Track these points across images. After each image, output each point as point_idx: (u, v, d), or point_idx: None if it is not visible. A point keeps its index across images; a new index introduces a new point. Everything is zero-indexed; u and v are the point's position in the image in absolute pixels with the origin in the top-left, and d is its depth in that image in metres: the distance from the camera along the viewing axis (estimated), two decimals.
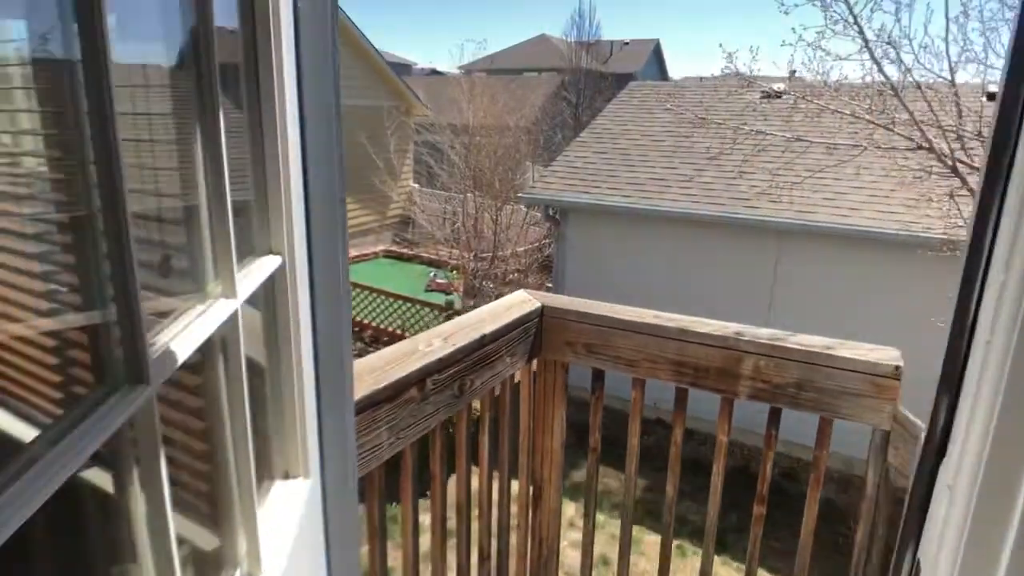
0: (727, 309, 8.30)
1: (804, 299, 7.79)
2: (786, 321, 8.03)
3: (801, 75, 6.56)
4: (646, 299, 8.24)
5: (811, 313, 7.77)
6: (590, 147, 9.59)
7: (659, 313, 2.48)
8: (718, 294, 8.22)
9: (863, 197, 7.49)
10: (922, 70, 4.84)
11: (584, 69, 25.18)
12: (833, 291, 7.65)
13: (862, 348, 2.11)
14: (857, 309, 7.55)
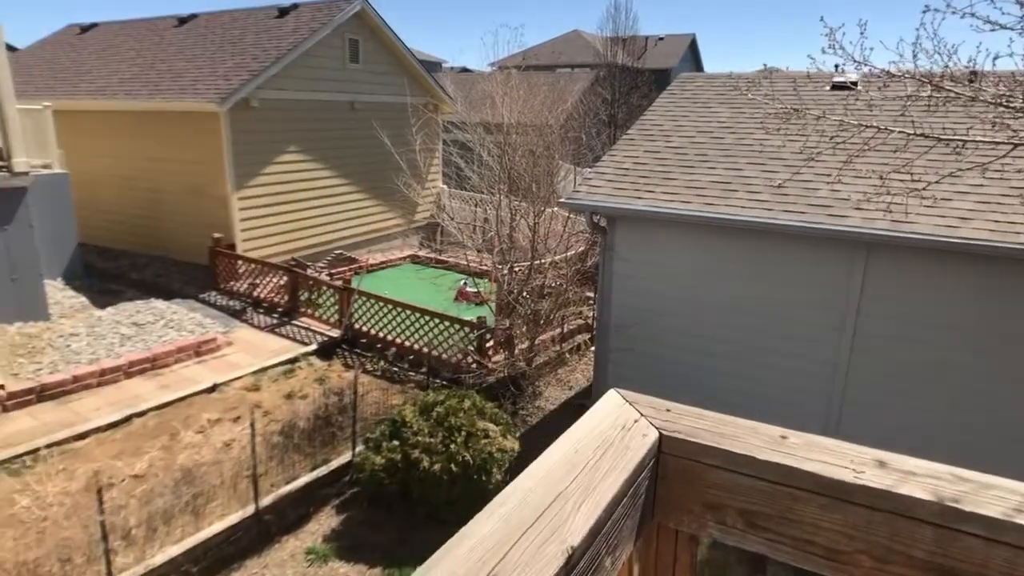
0: (804, 333, 7.22)
1: (895, 324, 6.65)
2: (871, 346, 6.92)
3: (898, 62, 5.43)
4: (704, 322, 7.15)
5: (905, 339, 6.63)
6: (640, 146, 8.53)
7: (892, 458, 1.45)
8: (794, 315, 7.11)
9: (971, 204, 6.32)
10: None
11: (619, 65, 24.00)
12: (931, 317, 6.50)
13: None
14: (960, 342, 6.39)
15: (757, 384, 7.38)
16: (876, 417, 6.90)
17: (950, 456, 4.24)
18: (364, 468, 6.28)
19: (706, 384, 7.67)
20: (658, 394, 5.46)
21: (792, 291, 7.07)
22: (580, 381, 9.73)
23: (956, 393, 6.49)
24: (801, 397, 7.22)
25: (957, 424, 6.54)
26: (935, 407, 6.60)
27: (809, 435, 1.58)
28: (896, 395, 6.73)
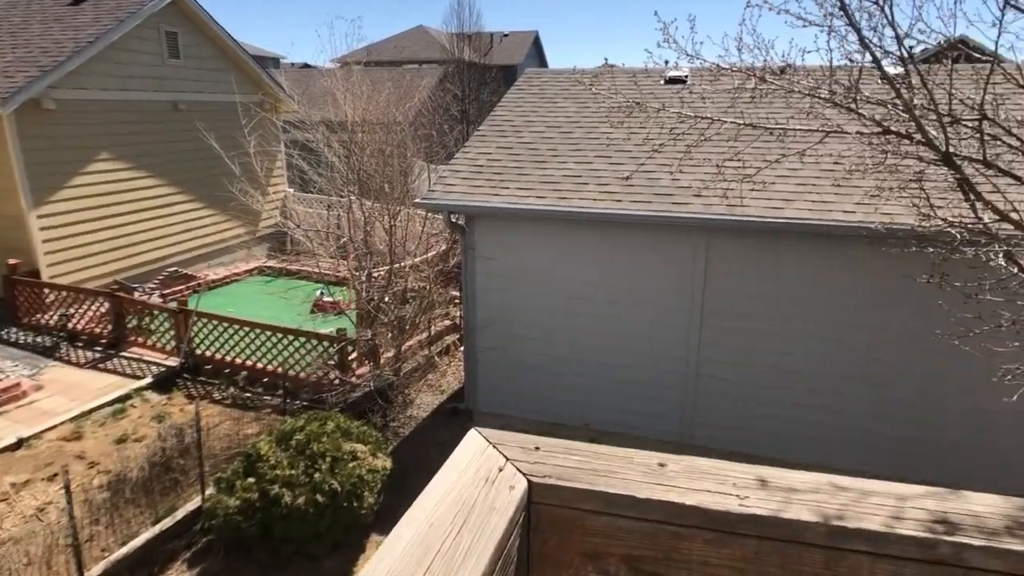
0: (656, 316, 7.55)
1: (736, 300, 7.14)
2: (718, 323, 7.40)
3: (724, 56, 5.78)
4: (568, 313, 7.23)
5: (743, 314, 7.14)
6: (492, 142, 8.45)
7: (772, 475, 1.37)
8: (647, 299, 7.40)
9: (793, 187, 6.91)
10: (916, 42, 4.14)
11: (466, 61, 23.98)
12: (766, 290, 7.05)
13: None
14: (792, 308, 6.99)
15: (622, 369, 7.61)
16: (727, 388, 7.37)
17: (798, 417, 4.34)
18: (216, 513, 5.62)
19: (574, 374, 7.79)
20: (528, 390, 5.38)
21: (646, 277, 7.34)
22: (452, 384, 9.53)
23: (793, 351, 7.09)
24: (662, 378, 7.55)
25: (797, 384, 7.15)
26: (776, 370, 7.17)
27: (688, 459, 1.46)
28: (742, 364, 7.23)
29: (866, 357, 6.82)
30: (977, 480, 6.88)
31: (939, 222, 4.57)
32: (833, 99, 4.55)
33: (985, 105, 4.49)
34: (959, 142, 4.46)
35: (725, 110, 5.25)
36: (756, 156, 6.34)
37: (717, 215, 6.55)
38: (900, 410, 6.85)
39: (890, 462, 7.05)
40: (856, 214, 6.29)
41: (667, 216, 6.72)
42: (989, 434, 6.62)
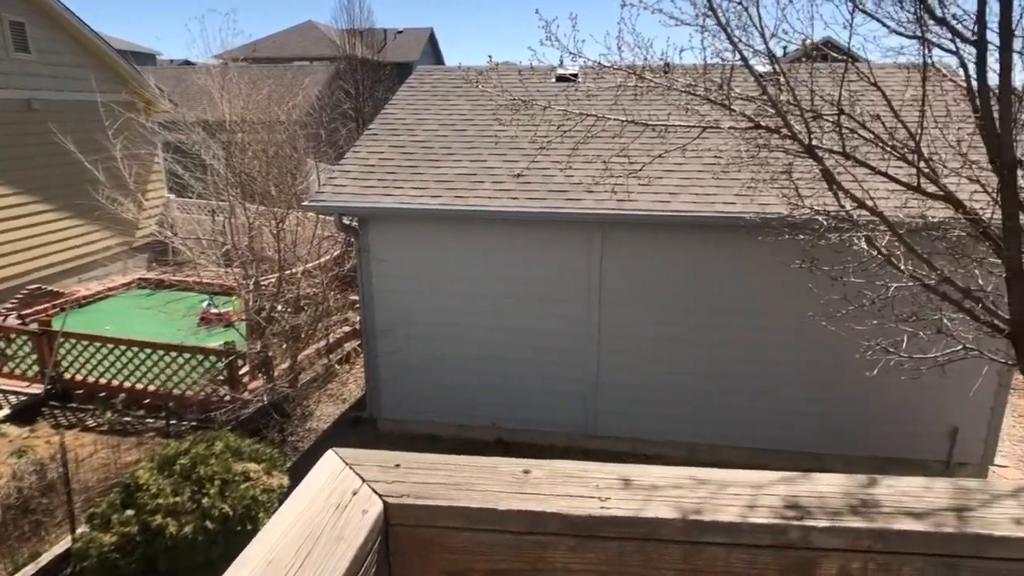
0: (557, 311, 7.64)
1: (632, 291, 7.36)
2: (616, 315, 7.59)
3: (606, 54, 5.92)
4: (469, 312, 7.16)
5: (640, 305, 7.37)
6: (384, 141, 8.23)
7: (635, 472, 1.35)
8: (547, 295, 7.47)
9: (678, 180, 7.20)
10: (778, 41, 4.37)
11: (359, 58, 23.35)
12: (660, 280, 7.31)
13: (1011, 502, 1.22)
14: (684, 296, 7.29)
15: (527, 366, 7.66)
16: (628, 378, 7.58)
17: (696, 401, 4.40)
18: (89, 554, 5.12)
19: (479, 374, 7.75)
20: (433, 393, 5.17)
21: (546, 273, 7.42)
22: (354, 392, 9.23)
23: (687, 338, 7.39)
24: (566, 372, 7.66)
25: (693, 369, 7.47)
26: (673, 357, 7.45)
27: (554, 463, 1.43)
28: (641, 352, 7.46)
29: (754, 340, 7.21)
30: (847, 441, 7.47)
31: (806, 210, 4.88)
32: (708, 96, 4.75)
33: (843, 101, 4.85)
34: (822, 136, 4.78)
35: (611, 107, 5.37)
36: (642, 152, 6.53)
37: (608, 210, 6.71)
38: (790, 388, 7.30)
39: (785, 436, 7.53)
40: (736, 205, 6.63)
41: (561, 212, 6.81)
42: (859, 404, 7.18)
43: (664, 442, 7.76)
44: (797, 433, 7.53)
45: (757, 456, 7.64)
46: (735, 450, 7.65)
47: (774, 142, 4.91)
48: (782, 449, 7.61)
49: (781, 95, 4.71)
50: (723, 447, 7.66)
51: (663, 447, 7.77)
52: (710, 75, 4.86)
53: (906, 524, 1.18)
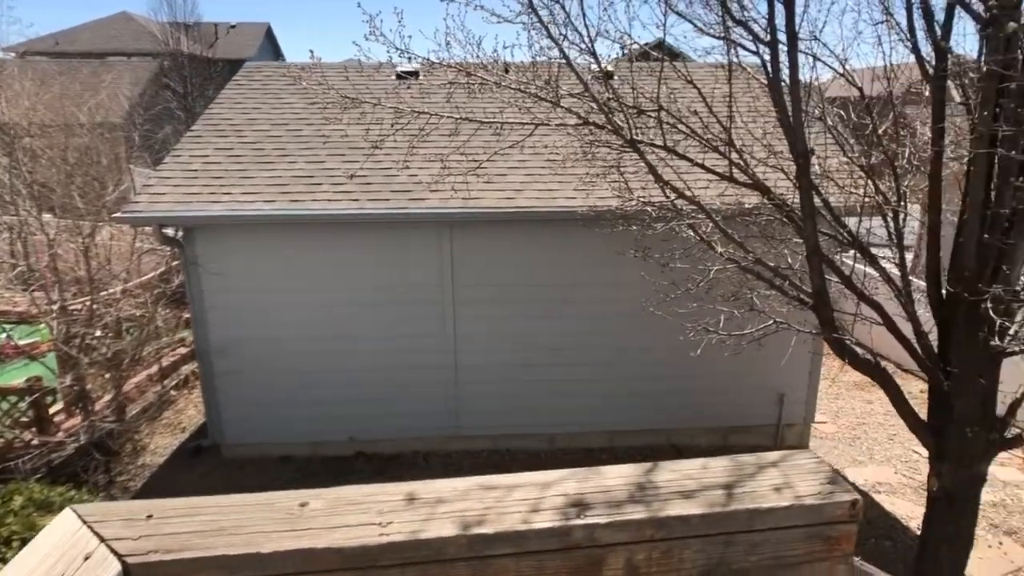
0: (411, 314, 7.47)
1: (485, 288, 7.37)
2: (470, 313, 7.55)
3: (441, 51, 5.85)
4: (318, 323, 6.79)
5: (493, 301, 7.40)
6: (209, 143, 7.58)
7: (422, 488, 1.25)
8: (400, 298, 7.27)
9: (522, 177, 7.30)
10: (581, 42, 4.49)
11: (186, 54, 21.47)
12: (511, 276, 7.38)
13: (774, 471, 1.26)
14: (536, 293, 7.42)
15: (384, 373, 7.42)
16: (487, 374, 7.59)
17: (552, 391, 4.38)
18: None
19: (333, 386, 7.39)
20: (284, 411, 4.71)
21: (397, 276, 7.22)
22: (195, 418, 8.45)
23: (540, 331, 7.54)
24: (425, 375, 7.52)
25: (548, 361, 7.62)
26: (528, 349, 7.56)
27: (338, 491, 1.30)
28: (497, 348, 7.50)
29: (603, 328, 7.50)
30: (694, 415, 8.01)
31: (635, 202, 5.11)
32: (537, 94, 4.82)
33: (662, 99, 5.13)
34: (648, 132, 5.03)
35: (456, 105, 5.30)
36: (486, 149, 6.55)
37: (454, 209, 6.65)
38: (639, 370, 7.67)
39: (638, 416, 7.90)
40: (576, 199, 6.84)
41: (404, 213, 6.64)
42: (702, 380, 7.71)
43: (526, 434, 7.87)
44: (649, 412, 7.95)
45: (615, 438, 7.99)
46: (593, 435, 7.94)
47: (603, 138, 5.09)
48: (637, 429, 8.01)
49: (605, 92, 4.90)
50: (581, 433, 7.92)
51: (525, 440, 7.87)
52: (541, 73, 4.94)
53: (684, 508, 1.19)
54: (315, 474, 7.40)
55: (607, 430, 7.96)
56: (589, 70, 4.93)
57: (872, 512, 7.04)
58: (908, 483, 7.55)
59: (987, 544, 6.44)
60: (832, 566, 1.22)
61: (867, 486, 7.53)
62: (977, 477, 4.82)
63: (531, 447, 7.88)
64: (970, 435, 4.55)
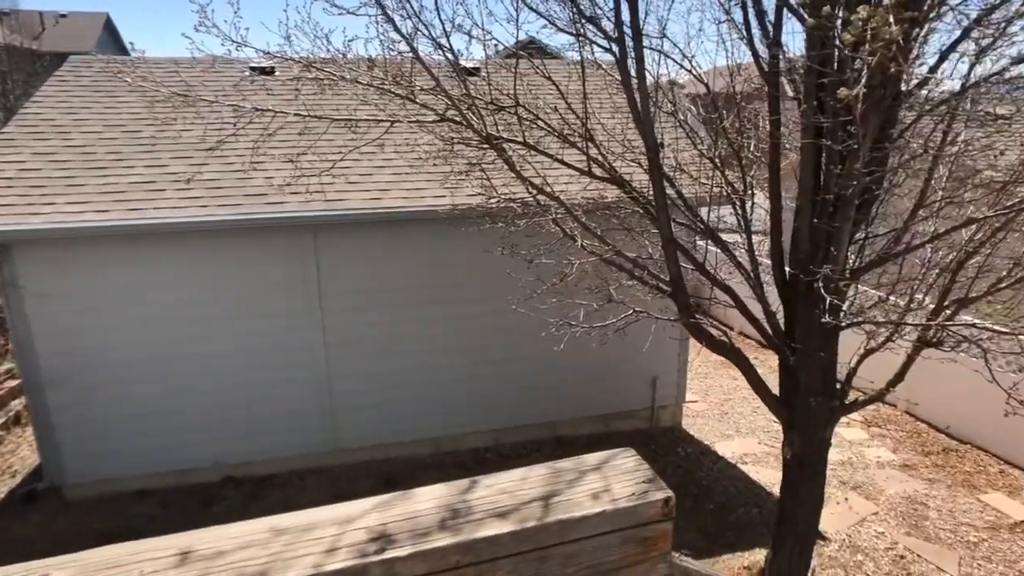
0: (277, 326, 7.01)
1: (356, 294, 7.07)
2: (342, 320, 7.22)
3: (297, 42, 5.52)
4: (174, 342, 6.20)
5: (363, 307, 7.12)
6: (26, 148, 6.69)
7: (200, 539, 1.07)
8: (263, 310, 6.81)
9: (388, 176, 7.08)
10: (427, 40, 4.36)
11: (3, 44, 19.01)
12: (382, 281, 7.14)
13: (595, 475, 1.20)
14: (410, 295, 7.23)
15: (251, 390, 6.94)
16: (360, 383, 7.30)
17: (424, 394, 4.11)
18: None
19: (194, 410, 6.81)
20: (137, 442, 4.13)
21: (258, 286, 6.75)
22: (29, 459, 7.49)
23: (416, 334, 7.36)
24: (296, 390, 7.11)
25: (417, 365, 7.45)
26: (403, 352, 7.36)
27: (94, 553, 1.10)
28: (372, 355, 7.23)
29: (480, 326, 7.44)
30: (576, 405, 8.17)
31: (498, 199, 5.07)
32: (391, 89, 4.64)
33: (523, 95, 5.11)
34: (512, 128, 4.99)
35: (304, 103, 4.99)
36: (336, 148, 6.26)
37: (315, 212, 6.31)
38: (519, 366, 7.68)
39: (522, 412, 7.92)
40: (446, 198, 6.72)
41: (262, 218, 6.22)
42: (582, 371, 7.86)
43: (410, 441, 7.67)
44: (532, 408, 8.01)
45: (500, 436, 7.97)
46: (479, 434, 7.88)
47: (463, 135, 5.00)
48: (521, 425, 8.05)
49: (460, 89, 4.81)
50: (468, 434, 7.84)
51: (409, 447, 7.67)
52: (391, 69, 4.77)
53: (495, 528, 1.10)
54: (179, 507, 6.78)
55: (492, 429, 7.93)
56: (453, 66, 4.82)
57: (740, 483, 7.51)
58: (771, 452, 8.13)
59: (836, 501, 7.07)
60: (651, 567, 1.18)
61: (735, 458, 8.03)
62: (823, 442, 5.23)
63: (416, 454, 7.69)
64: (814, 404, 4.93)
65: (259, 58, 4.45)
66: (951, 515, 6.86)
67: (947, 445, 8.31)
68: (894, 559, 6.15)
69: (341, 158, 5.30)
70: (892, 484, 7.44)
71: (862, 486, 7.42)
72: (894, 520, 6.76)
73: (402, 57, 4.63)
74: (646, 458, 3.01)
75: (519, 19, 4.94)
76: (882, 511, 6.92)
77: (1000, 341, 4.94)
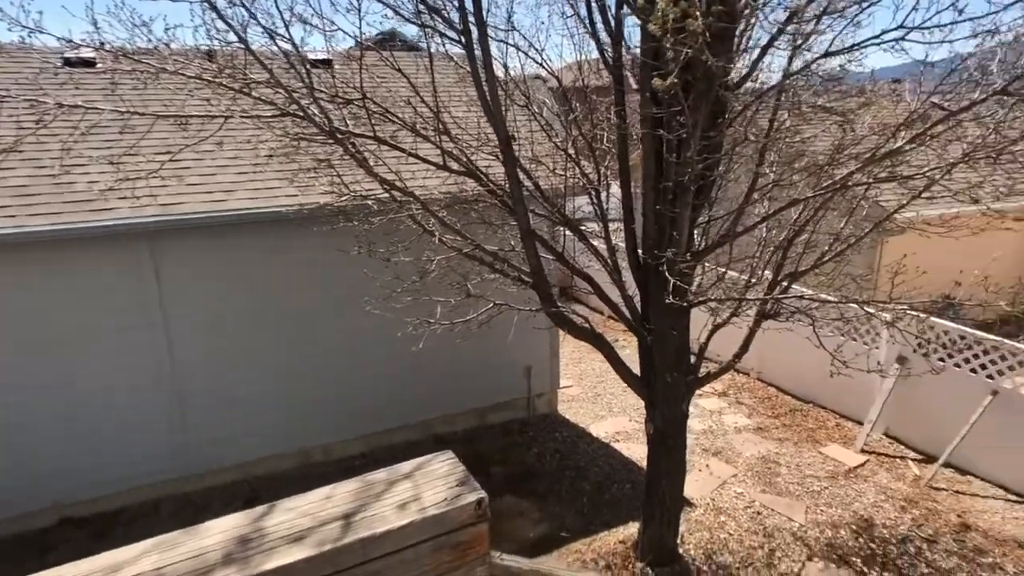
0: (118, 346, 6.31)
1: (205, 304, 6.55)
2: (190, 335, 6.63)
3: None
4: (5, 372, 5.39)
5: (219, 318, 6.62)
6: None
7: None
8: (100, 329, 6.12)
9: (233, 176, 6.60)
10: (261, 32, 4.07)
11: None
12: (233, 290, 6.67)
13: (407, 484, 1.13)
14: (264, 303, 6.81)
15: (91, 422, 6.23)
16: (217, 401, 6.79)
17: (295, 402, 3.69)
18: None
19: (23, 448, 6.00)
20: None
21: (91, 304, 6.05)
22: None
23: (274, 344, 6.95)
24: (143, 414, 6.47)
25: (288, 373, 7.06)
26: (262, 364, 6.93)
27: None
28: (227, 369, 6.75)
29: (343, 329, 7.16)
30: (452, 402, 8.11)
31: (350, 196, 4.87)
32: (223, 82, 4.30)
33: (377, 88, 4.93)
34: (360, 122, 4.79)
35: (121, 96, 4.48)
36: (180, 147, 5.75)
37: (148, 218, 5.74)
38: (388, 368, 7.48)
39: (394, 414, 7.72)
40: (299, 196, 6.37)
41: (86, 228, 5.55)
42: (457, 366, 7.80)
43: (276, 455, 7.25)
44: (407, 408, 7.85)
45: (374, 440, 7.74)
46: (351, 442, 7.60)
47: (309, 131, 4.75)
48: (396, 426, 7.86)
49: (306, 80, 4.55)
50: (338, 443, 7.54)
51: (276, 461, 7.25)
52: (231, 60, 4.42)
53: (289, 556, 1.00)
54: (13, 559, 5.95)
55: (364, 435, 7.68)
56: (287, 57, 4.54)
57: (614, 461, 7.82)
58: (641, 428, 8.54)
59: (699, 468, 7.56)
60: (467, 572, 1.13)
61: (608, 438, 8.36)
62: (682, 415, 5.55)
63: (282, 468, 7.28)
64: (671, 380, 5.21)
65: (62, 46, 3.93)
66: (798, 469, 7.57)
67: (793, 406, 9.16)
68: (752, 516, 6.67)
69: (170, 158, 4.85)
70: (748, 447, 8.07)
71: (722, 451, 7.99)
72: (751, 480, 7.34)
73: (235, 49, 4.30)
74: (524, 446, 2.96)
75: (361, 8, 4.76)
76: (740, 473, 7.49)
77: (829, 310, 5.49)
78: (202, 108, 4.59)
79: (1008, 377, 7.01)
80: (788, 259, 5.40)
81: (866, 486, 7.19)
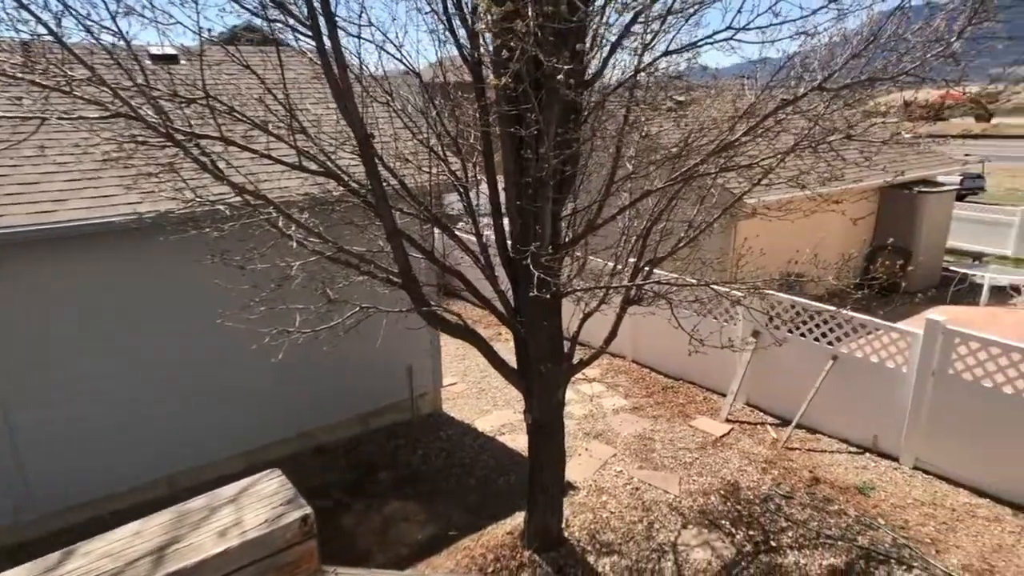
0: None
1: (40, 331, 5.86)
2: (27, 365, 5.90)
3: None
4: None
5: (61, 341, 5.95)
6: None
7: None
8: None
9: (62, 184, 5.94)
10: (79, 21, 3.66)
11: None
12: (76, 310, 6.02)
13: (229, 508, 1.05)
14: (113, 323, 6.20)
15: None
16: (60, 436, 6.11)
17: (158, 427, 3.25)
18: None
19: None
20: None
21: None
22: None
23: (131, 366, 6.37)
24: None
25: (148, 397, 6.50)
26: (117, 390, 6.33)
27: None
28: (76, 399, 6.09)
29: (207, 343, 6.68)
30: (333, 409, 7.83)
31: (197, 201, 4.54)
32: (34, 79, 3.83)
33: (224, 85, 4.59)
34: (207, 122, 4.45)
35: None
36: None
37: None
38: (260, 381, 7.07)
39: (271, 427, 7.31)
40: (144, 204, 5.86)
41: None
42: (337, 373, 7.52)
43: (137, 488, 6.64)
44: (283, 421, 7.48)
45: (251, 456, 7.30)
46: (225, 462, 7.12)
47: (146, 132, 4.35)
48: (275, 440, 7.48)
49: (140, 78, 4.17)
50: (209, 464, 7.03)
51: (137, 494, 6.64)
52: (43, 54, 3.94)
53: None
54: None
55: (241, 451, 7.23)
56: (133, 54, 4.13)
57: (500, 454, 7.91)
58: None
59: (580, 452, 7.83)
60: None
61: (493, 431, 8.44)
62: (558, 404, 5.71)
63: (146, 500, 6.68)
64: (545, 370, 5.34)
65: None
66: (672, 444, 8.04)
67: (665, 384, 9.72)
68: (631, 492, 7.01)
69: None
70: (626, 427, 8.47)
71: (602, 433, 8.33)
72: (629, 458, 7.71)
73: (51, 42, 3.85)
74: (409, 447, 2.79)
75: (199, 1, 4.43)
76: (619, 452, 7.84)
77: (686, 293, 5.86)
78: (11, 108, 4.07)
79: (844, 343, 7.87)
80: (648, 247, 5.71)
81: (731, 453, 7.79)
